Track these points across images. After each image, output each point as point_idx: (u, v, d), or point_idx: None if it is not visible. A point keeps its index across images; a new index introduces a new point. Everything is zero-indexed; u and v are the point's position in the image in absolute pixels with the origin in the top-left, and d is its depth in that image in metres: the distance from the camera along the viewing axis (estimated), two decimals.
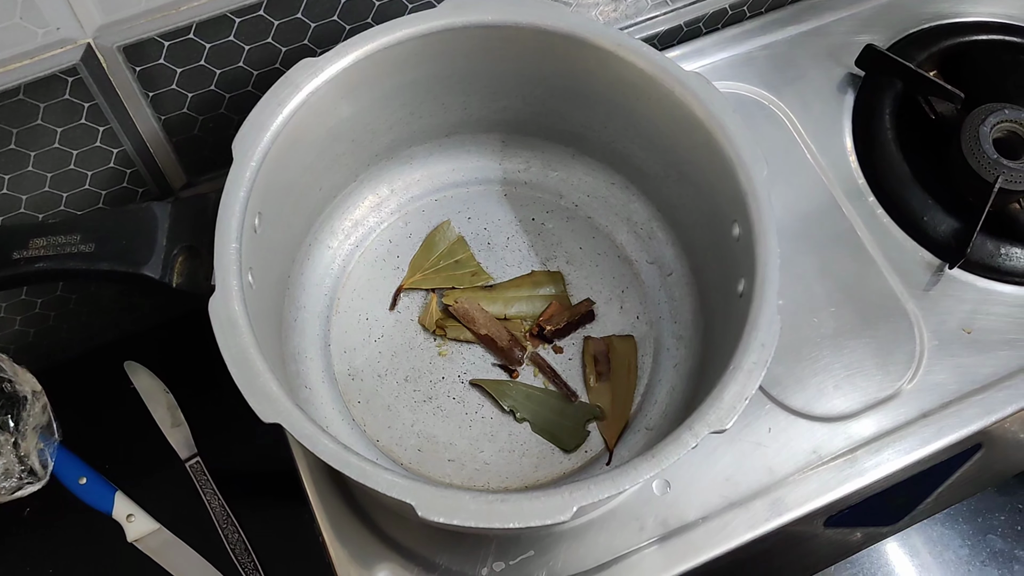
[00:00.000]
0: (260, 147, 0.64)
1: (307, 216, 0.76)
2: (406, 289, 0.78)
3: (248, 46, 0.70)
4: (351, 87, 0.69)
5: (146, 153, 0.74)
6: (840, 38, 0.91)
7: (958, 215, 0.82)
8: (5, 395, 0.78)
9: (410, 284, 0.78)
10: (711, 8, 0.90)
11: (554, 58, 0.71)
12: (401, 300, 0.78)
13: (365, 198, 0.80)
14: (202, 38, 0.67)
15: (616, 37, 0.68)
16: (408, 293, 0.79)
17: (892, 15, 0.93)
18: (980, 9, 0.93)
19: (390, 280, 0.79)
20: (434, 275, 0.79)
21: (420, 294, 0.79)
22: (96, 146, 0.71)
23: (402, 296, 0.78)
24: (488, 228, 0.82)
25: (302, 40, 0.72)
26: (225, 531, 0.81)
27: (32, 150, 0.68)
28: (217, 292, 0.60)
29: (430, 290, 0.79)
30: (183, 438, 0.86)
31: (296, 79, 0.66)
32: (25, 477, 0.78)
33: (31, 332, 0.84)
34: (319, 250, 0.78)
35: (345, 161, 0.76)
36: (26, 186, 0.71)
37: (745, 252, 0.64)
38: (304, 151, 0.69)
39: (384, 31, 0.68)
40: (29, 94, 0.64)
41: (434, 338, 0.77)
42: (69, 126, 0.68)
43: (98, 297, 0.85)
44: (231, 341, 0.58)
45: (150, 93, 0.69)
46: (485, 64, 0.73)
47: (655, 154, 0.75)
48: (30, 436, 0.79)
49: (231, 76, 0.72)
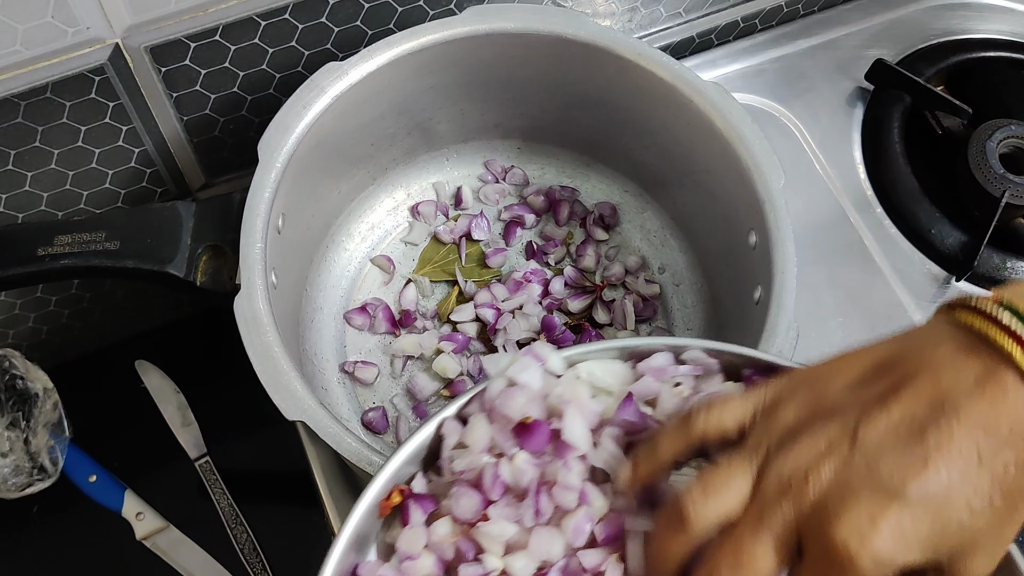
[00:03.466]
0: (285, 149, 0.64)
1: (326, 218, 0.77)
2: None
3: (272, 49, 0.71)
4: (374, 91, 0.69)
5: (167, 153, 0.75)
6: (850, 52, 0.93)
7: (965, 228, 0.83)
8: (17, 392, 0.79)
9: (421, 274, 0.80)
10: (724, 20, 0.92)
11: (573, 66, 0.72)
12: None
13: (382, 201, 0.81)
14: (228, 40, 0.68)
15: (636, 46, 0.69)
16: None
17: (901, 31, 0.94)
18: (988, 26, 0.95)
19: (404, 283, 0.80)
20: (443, 267, 0.80)
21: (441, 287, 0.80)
22: (118, 145, 0.71)
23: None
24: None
25: (325, 44, 0.72)
26: (234, 530, 0.82)
27: (56, 148, 0.69)
28: (243, 291, 0.60)
29: (449, 282, 0.80)
30: (193, 437, 0.86)
31: (321, 82, 0.66)
32: (35, 474, 0.78)
33: (44, 329, 0.84)
34: (336, 252, 0.79)
35: (364, 164, 0.77)
36: (48, 183, 0.71)
37: (762, 260, 0.65)
38: (326, 154, 0.70)
39: (408, 37, 0.69)
40: (56, 92, 0.65)
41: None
42: (93, 125, 0.69)
43: (112, 296, 0.85)
44: (256, 339, 0.59)
45: (174, 94, 0.70)
46: (505, 71, 0.74)
47: (671, 162, 0.76)
48: (41, 433, 0.79)
49: (254, 78, 0.72)
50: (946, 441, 0.38)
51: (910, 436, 0.39)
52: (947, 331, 0.42)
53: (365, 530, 0.47)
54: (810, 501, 0.39)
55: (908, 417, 0.39)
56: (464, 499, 0.46)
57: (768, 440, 0.42)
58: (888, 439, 0.39)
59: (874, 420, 0.40)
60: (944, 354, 0.41)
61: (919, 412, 0.39)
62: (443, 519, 0.47)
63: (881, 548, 0.37)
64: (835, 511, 0.38)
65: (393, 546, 0.47)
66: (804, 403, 0.42)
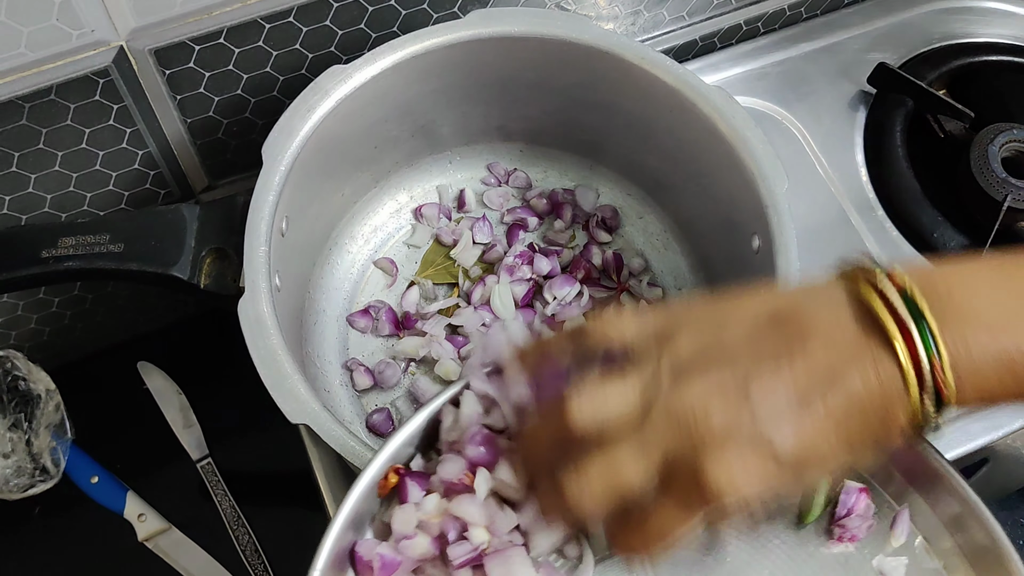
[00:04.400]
0: (289, 152, 0.65)
1: (329, 220, 0.77)
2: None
3: (276, 52, 0.71)
4: (378, 95, 0.69)
5: (170, 155, 0.75)
6: (852, 56, 0.93)
7: (967, 232, 0.83)
8: (19, 393, 0.79)
9: (424, 277, 0.80)
10: (726, 24, 0.92)
11: (577, 69, 0.72)
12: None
13: (384, 204, 0.81)
14: (232, 43, 0.68)
15: (640, 50, 0.69)
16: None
17: (904, 34, 0.94)
18: (990, 31, 0.95)
19: (407, 285, 0.80)
20: (446, 269, 0.80)
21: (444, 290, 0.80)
22: (122, 147, 0.72)
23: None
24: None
25: (329, 47, 0.73)
26: (236, 532, 0.82)
27: (60, 150, 0.69)
28: (247, 294, 0.60)
29: (452, 284, 0.80)
30: (195, 439, 0.86)
31: (326, 85, 0.66)
32: (37, 475, 0.78)
33: (46, 331, 0.85)
34: (339, 254, 0.79)
35: (367, 167, 0.77)
36: (51, 186, 0.71)
37: (764, 264, 0.65)
38: (330, 156, 0.70)
39: (412, 40, 0.69)
40: (60, 94, 0.65)
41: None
42: (97, 127, 0.69)
43: (114, 297, 0.85)
44: (260, 342, 0.59)
45: (178, 96, 0.70)
46: (508, 74, 0.74)
47: (674, 166, 0.76)
48: (43, 434, 0.79)
49: (257, 81, 0.73)
50: (823, 414, 0.41)
51: (796, 401, 0.42)
52: (844, 298, 0.44)
53: (363, 510, 0.49)
54: (693, 438, 0.42)
55: (797, 383, 0.42)
56: (450, 463, 0.48)
57: (660, 368, 0.44)
58: (775, 399, 0.42)
59: (765, 377, 0.42)
60: (837, 321, 0.43)
61: (808, 381, 0.42)
62: (432, 495, 0.49)
63: (747, 492, 0.41)
64: (714, 453, 0.41)
65: (390, 525, 0.48)
66: (699, 340, 0.44)
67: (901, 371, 0.41)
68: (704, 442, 0.41)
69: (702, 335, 0.44)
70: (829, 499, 0.51)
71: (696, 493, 0.42)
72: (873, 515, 0.51)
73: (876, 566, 0.50)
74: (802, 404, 0.41)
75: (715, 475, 0.41)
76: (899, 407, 0.42)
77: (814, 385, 0.42)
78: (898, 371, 0.41)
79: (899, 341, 0.41)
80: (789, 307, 0.44)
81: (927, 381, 0.41)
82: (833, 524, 0.51)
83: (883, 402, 0.42)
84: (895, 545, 0.51)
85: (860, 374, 0.42)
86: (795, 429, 0.41)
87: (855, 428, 0.42)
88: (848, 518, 0.50)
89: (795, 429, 0.41)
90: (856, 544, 0.51)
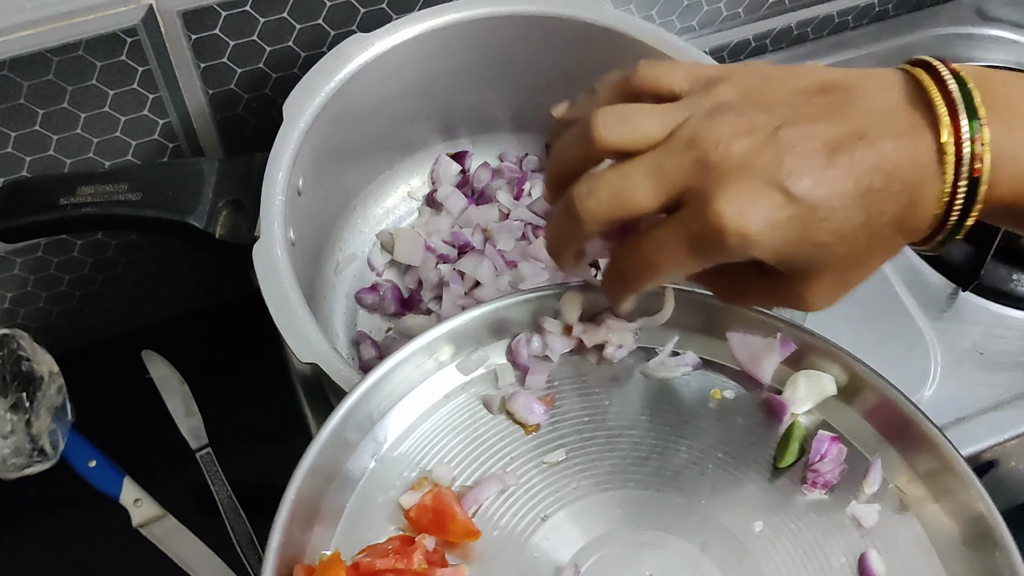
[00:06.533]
0: (310, 111, 0.66)
1: (343, 196, 0.78)
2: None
3: (300, 25, 0.72)
4: (397, 67, 0.71)
5: (190, 127, 0.76)
6: None
7: (971, 241, 0.84)
8: (22, 373, 0.78)
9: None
10: (735, 38, 0.94)
11: (593, 52, 0.73)
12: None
13: (398, 187, 0.82)
14: (258, 12, 0.70)
15: (654, 32, 0.71)
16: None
17: (909, 56, 0.96)
18: (992, 56, 0.97)
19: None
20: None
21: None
22: (143, 114, 0.73)
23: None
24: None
25: (351, 25, 0.74)
26: (232, 522, 0.81)
27: (83, 111, 0.70)
28: (262, 239, 0.61)
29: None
30: (195, 428, 0.85)
31: (348, 51, 0.68)
32: (35, 456, 0.77)
33: (54, 312, 0.85)
34: (351, 233, 0.80)
35: (383, 146, 0.78)
36: (72, 149, 0.72)
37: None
38: (348, 126, 0.71)
39: (432, 14, 0.71)
40: (88, 50, 0.66)
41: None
42: (121, 90, 0.70)
43: (123, 281, 0.85)
44: (273, 284, 0.59)
45: (202, 64, 0.72)
46: (525, 55, 0.75)
47: None
48: (43, 416, 0.78)
49: (280, 55, 0.74)
50: (847, 166, 0.41)
51: (822, 149, 0.41)
52: (899, 80, 0.44)
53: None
54: (709, 163, 0.41)
55: (828, 135, 0.41)
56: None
57: (698, 106, 0.44)
58: (802, 144, 0.41)
59: (798, 125, 0.42)
60: (886, 98, 0.43)
61: (839, 135, 0.41)
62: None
63: (750, 228, 0.40)
64: (726, 181, 0.41)
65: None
66: (745, 89, 0.44)
67: (940, 149, 0.41)
68: (720, 171, 0.41)
69: (749, 85, 0.44)
70: (802, 447, 0.52)
71: (700, 223, 0.41)
72: (844, 460, 0.52)
73: (850, 512, 0.50)
74: (829, 154, 0.41)
75: (723, 205, 0.40)
76: (928, 186, 0.41)
77: (845, 140, 0.41)
78: (936, 149, 0.41)
79: (945, 117, 0.41)
80: (843, 79, 0.44)
81: (965, 161, 0.41)
82: (807, 470, 0.51)
83: (913, 175, 0.41)
84: (868, 493, 0.51)
85: (895, 141, 0.41)
86: (814, 173, 0.41)
87: (876, 191, 0.41)
88: (821, 462, 0.51)
89: (814, 173, 0.41)
90: (830, 492, 0.51)
